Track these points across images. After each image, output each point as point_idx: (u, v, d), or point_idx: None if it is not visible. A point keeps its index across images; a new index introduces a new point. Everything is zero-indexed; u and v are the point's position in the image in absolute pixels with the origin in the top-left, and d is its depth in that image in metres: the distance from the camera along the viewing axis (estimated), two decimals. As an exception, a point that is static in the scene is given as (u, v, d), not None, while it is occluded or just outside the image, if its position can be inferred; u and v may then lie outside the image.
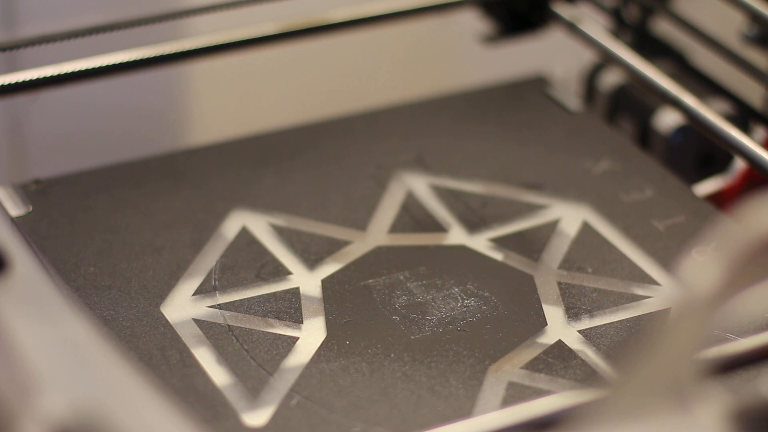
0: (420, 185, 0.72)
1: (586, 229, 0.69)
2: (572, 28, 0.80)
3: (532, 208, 0.71)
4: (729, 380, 0.55)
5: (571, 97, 0.79)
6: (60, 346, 0.40)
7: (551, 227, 0.69)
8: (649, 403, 0.37)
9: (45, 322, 0.41)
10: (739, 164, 0.79)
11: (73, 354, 0.40)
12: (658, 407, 0.37)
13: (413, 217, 0.70)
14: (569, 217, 0.70)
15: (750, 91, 0.80)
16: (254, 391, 0.59)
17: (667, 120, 0.80)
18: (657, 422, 0.38)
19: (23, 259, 0.44)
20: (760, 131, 0.80)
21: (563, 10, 0.81)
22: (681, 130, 0.80)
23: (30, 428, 0.37)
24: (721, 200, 0.79)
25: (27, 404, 0.38)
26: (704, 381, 0.39)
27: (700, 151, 0.81)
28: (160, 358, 0.60)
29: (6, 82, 0.72)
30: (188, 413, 0.56)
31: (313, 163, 0.73)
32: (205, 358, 0.60)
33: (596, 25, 0.79)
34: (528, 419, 0.47)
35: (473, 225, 0.69)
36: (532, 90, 0.80)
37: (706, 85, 0.82)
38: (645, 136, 0.82)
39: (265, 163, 0.73)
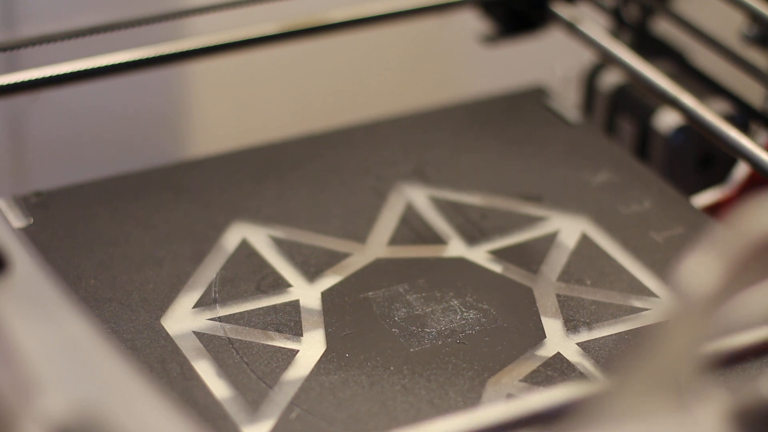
0: (419, 197, 0.72)
1: (585, 241, 0.69)
2: (572, 28, 0.80)
3: (531, 220, 0.71)
4: (729, 380, 0.55)
5: (570, 109, 0.79)
6: (60, 346, 0.40)
7: (550, 239, 0.69)
8: (649, 403, 0.37)
9: (45, 322, 0.41)
10: (738, 174, 0.79)
11: (73, 354, 0.40)
12: (658, 407, 0.37)
13: (413, 229, 0.70)
14: (568, 229, 0.70)
15: (750, 91, 0.80)
16: (254, 404, 0.59)
17: (667, 120, 0.80)
18: (657, 422, 0.38)
19: (23, 259, 0.44)
20: (761, 132, 0.80)
21: (563, 10, 0.81)
22: (681, 131, 0.80)
23: (30, 428, 0.37)
24: (719, 211, 0.79)
25: (27, 404, 0.38)
26: (704, 381, 0.39)
27: (700, 152, 0.81)
28: (161, 370, 0.60)
29: (6, 82, 0.72)
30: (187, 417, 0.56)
31: (313, 175, 0.73)
32: (205, 370, 0.60)
33: (596, 26, 0.80)
34: (528, 417, 0.47)
35: (472, 237, 0.69)
36: (531, 101, 0.80)
37: (706, 85, 0.82)
38: (645, 137, 0.82)
39: (265, 175, 0.73)
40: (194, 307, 0.64)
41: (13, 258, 0.44)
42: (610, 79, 0.84)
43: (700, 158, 0.81)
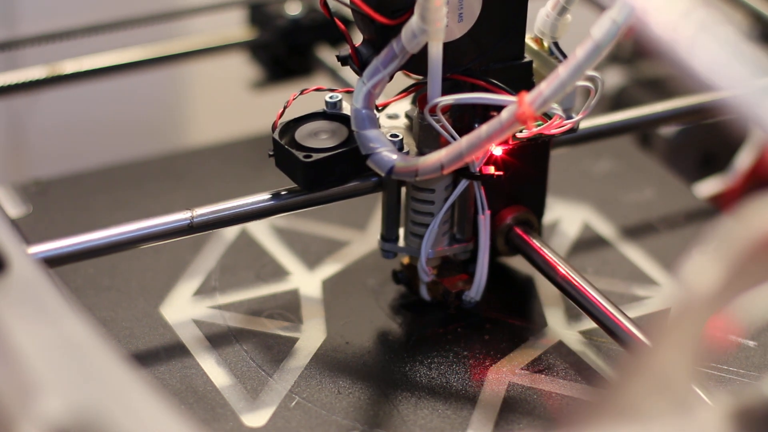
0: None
1: (587, 230, 0.69)
2: (335, 75, 0.76)
3: (532, 209, 0.70)
4: (730, 380, 0.55)
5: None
6: (59, 346, 0.40)
7: (551, 228, 0.69)
8: (650, 402, 0.37)
9: (44, 322, 0.41)
10: (740, 164, 0.79)
11: (72, 354, 0.40)
12: (658, 407, 0.37)
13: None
14: (569, 218, 0.70)
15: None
16: (254, 392, 0.58)
17: (669, 120, 0.80)
18: (657, 422, 0.38)
19: (23, 259, 0.44)
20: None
21: (328, 57, 0.77)
22: (681, 130, 0.80)
23: (29, 429, 0.37)
24: (721, 200, 0.79)
25: (26, 405, 0.38)
26: (705, 381, 0.39)
27: (700, 151, 0.81)
28: (160, 359, 0.60)
29: (6, 83, 0.72)
30: (188, 414, 0.56)
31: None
32: (204, 359, 0.60)
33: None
34: (529, 419, 0.47)
35: (473, 225, 0.69)
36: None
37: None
38: (646, 137, 0.82)
39: (264, 163, 0.73)
40: (194, 295, 0.64)
41: (11, 258, 0.44)
42: (611, 79, 0.84)
43: (700, 158, 0.81)
